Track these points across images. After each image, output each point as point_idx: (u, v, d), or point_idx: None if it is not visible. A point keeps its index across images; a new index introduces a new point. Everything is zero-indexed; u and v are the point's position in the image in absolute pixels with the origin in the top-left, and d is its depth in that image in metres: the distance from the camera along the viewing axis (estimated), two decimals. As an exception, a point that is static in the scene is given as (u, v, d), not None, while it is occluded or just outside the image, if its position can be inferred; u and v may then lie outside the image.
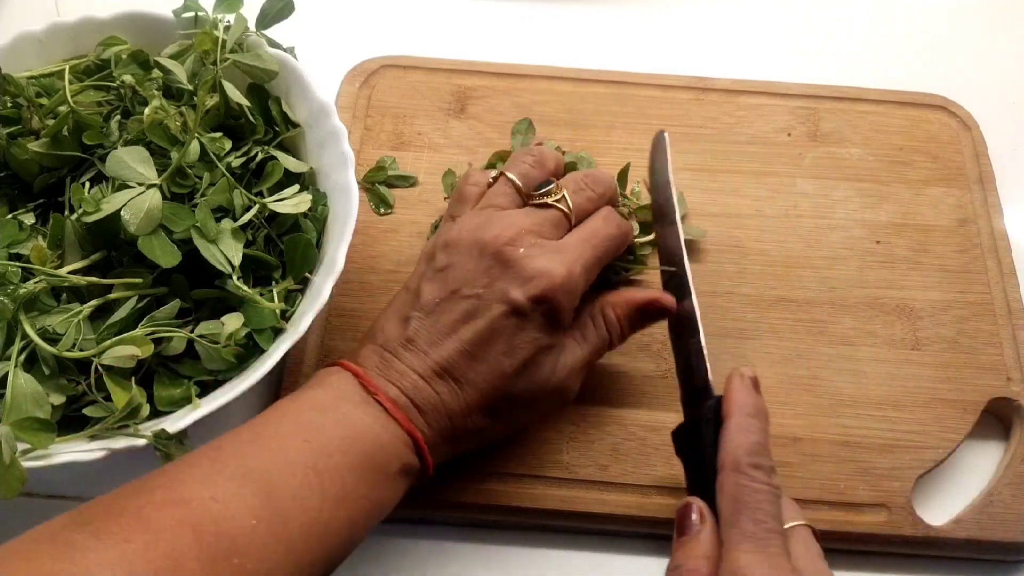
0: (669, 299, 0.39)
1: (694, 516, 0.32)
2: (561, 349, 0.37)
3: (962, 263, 0.47)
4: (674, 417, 0.43)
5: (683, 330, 0.38)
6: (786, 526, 0.31)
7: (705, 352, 0.37)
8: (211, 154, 0.37)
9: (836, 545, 0.41)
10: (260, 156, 0.40)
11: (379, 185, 0.49)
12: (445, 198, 0.48)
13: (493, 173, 0.40)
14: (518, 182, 0.39)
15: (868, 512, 0.41)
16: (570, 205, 0.39)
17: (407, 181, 0.50)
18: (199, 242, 0.35)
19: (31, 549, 0.26)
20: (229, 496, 0.29)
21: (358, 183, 0.48)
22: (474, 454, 0.41)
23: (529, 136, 0.47)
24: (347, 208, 0.38)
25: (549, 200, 0.39)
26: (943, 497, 0.42)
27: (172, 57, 0.41)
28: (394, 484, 0.34)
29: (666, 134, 0.43)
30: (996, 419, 0.44)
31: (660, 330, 0.45)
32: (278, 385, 0.44)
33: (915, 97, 0.53)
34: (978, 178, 0.50)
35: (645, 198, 0.46)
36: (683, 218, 0.46)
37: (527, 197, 0.39)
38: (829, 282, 0.46)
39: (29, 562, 0.25)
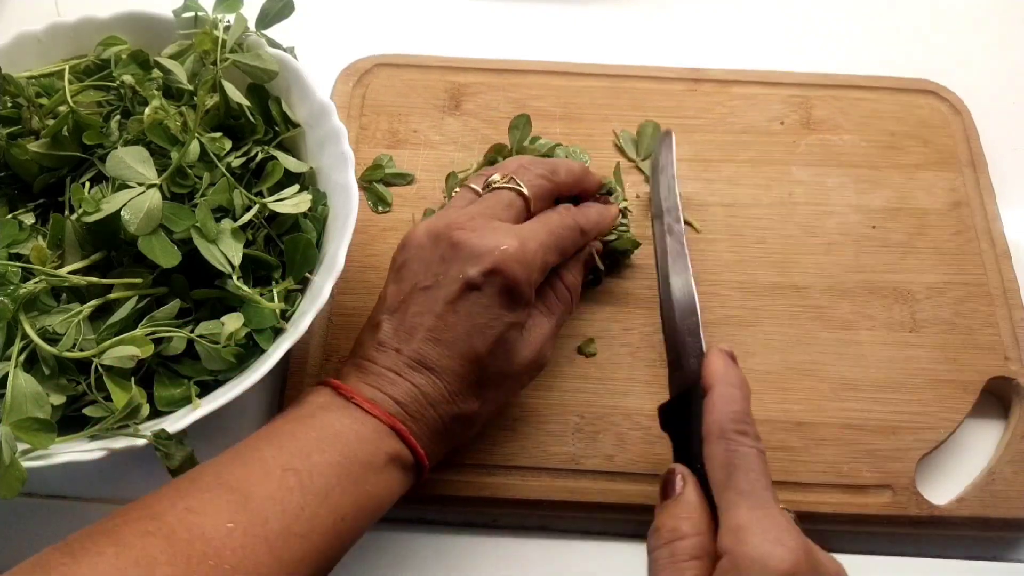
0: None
1: (678, 480, 0.32)
2: (532, 325, 0.38)
3: (957, 245, 0.48)
4: (678, 405, 0.43)
5: (680, 312, 0.39)
6: None
7: (702, 332, 0.38)
8: (211, 154, 0.37)
9: (842, 527, 0.41)
10: (260, 156, 0.40)
11: (377, 183, 0.49)
12: (446, 199, 0.48)
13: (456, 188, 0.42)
14: (475, 186, 0.40)
15: (872, 493, 0.41)
16: (521, 183, 0.39)
17: (404, 179, 0.50)
18: (199, 242, 0.35)
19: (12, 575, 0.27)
20: (203, 504, 0.29)
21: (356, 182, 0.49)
22: (480, 449, 0.41)
23: (527, 131, 0.47)
24: (347, 208, 0.38)
25: (499, 184, 0.39)
26: (945, 477, 0.42)
27: (172, 57, 0.41)
28: (385, 476, 0.33)
29: (673, 135, 0.44)
30: (995, 398, 0.45)
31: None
32: (281, 385, 0.44)
33: (905, 83, 0.53)
34: (969, 161, 0.50)
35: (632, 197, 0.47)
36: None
37: (481, 194, 0.40)
38: (827, 268, 0.47)
39: None
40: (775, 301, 0.46)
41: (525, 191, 0.39)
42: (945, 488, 0.42)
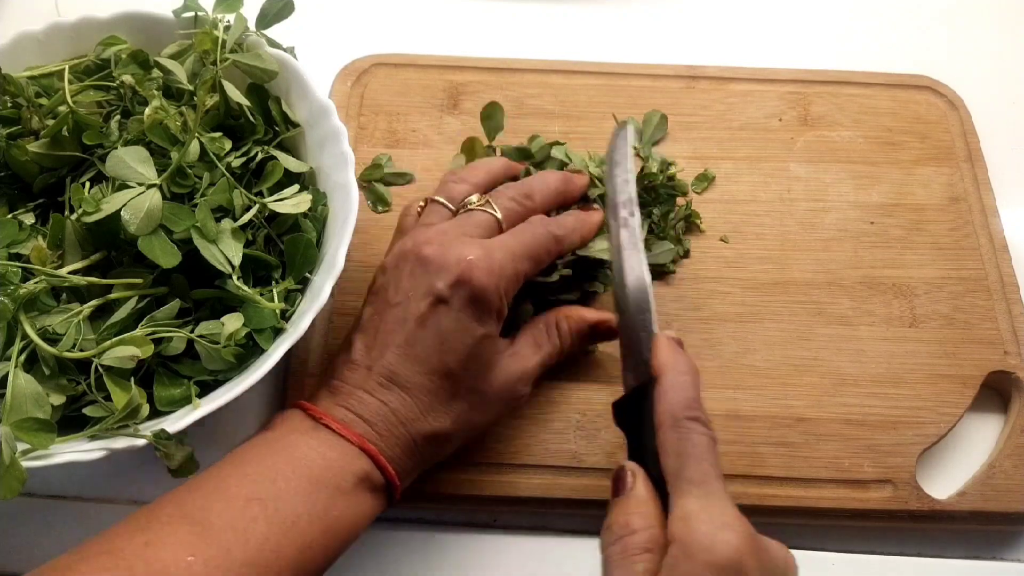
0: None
1: (628, 476, 0.32)
2: (508, 348, 0.38)
3: (955, 240, 0.48)
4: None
5: (633, 306, 0.38)
6: None
7: (655, 329, 0.37)
8: (211, 154, 0.37)
9: (843, 522, 0.41)
10: (260, 156, 0.40)
11: (376, 183, 0.49)
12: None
13: (421, 202, 0.42)
14: (443, 200, 0.41)
15: (873, 488, 0.41)
16: (496, 208, 0.39)
17: (404, 178, 0.49)
18: (199, 242, 0.35)
19: None
20: (162, 538, 0.29)
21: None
22: (480, 447, 0.41)
23: (500, 119, 0.46)
24: (347, 208, 0.38)
25: (473, 206, 0.40)
26: (946, 471, 0.42)
27: (172, 57, 0.40)
28: (354, 499, 0.33)
29: (630, 126, 0.44)
30: (995, 392, 0.45)
31: (662, 317, 0.45)
32: (282, 386, 0.44)
33: (901, 79, 0.53)
34: (967, 156, 0.51)
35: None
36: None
37: (456, 213, 0.40)
38: (826, 264, 0.47)
39: None
40: (774, 297, 0.46)
41: (498, 215, 0.39)
42: (946, 482, 0.42)
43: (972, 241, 0.48)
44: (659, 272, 0.46)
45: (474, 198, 0.40)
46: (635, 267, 0.38)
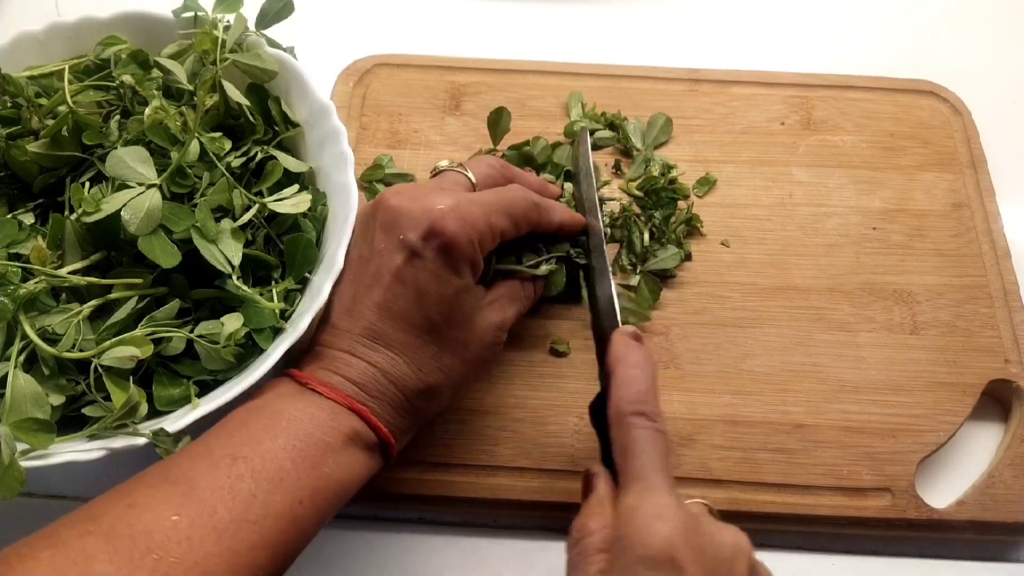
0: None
1: (593, 479, 0.32)
2: (486, 296, 0.37)
3: (957, 247, 0.48)
4: (675, 406, 0.43)
5: (603, 315, 0.38)
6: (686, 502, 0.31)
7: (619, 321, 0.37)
8: (211, 154, 0.37)
9: (841, 530, 0.41)
10: (260, 156, 0.40)
11: (376, 184, 0.49)
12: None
13: None
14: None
15: (872, 496, 0.41)
16: (469, 171, 0.39)
17: (404, 179, 0.50)
18: (199, 242, 0.35)
19: None
20: (146, 500, 0.29)
21: (356, 182, 0.49)
22: (480, 450, 0.41)
23: (506, 123, 0.47)
24: (347, 207, 0.38)
25: (445, 168, 0.40)
26: (945, 480, 0.42)
27: (172, 57, 0.40)
28: (346, 456, 0.33)
29: (587, 132, 0.47)
30: (995, 401, 0.45)
31: (661, 321, 0.45)
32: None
33: (905, 83, 0.53)
34: (970, 162, 0.50)
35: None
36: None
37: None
38: (826, 269, 0.47)
39: None
40: (775, 302, 0.46)
41: (471, 175, 0.39)
42: (945, 491, 0.42)
43: (974, 248, 0.47)
44: (663, 276, 0.46)
45: (445, 162, 0.40)
46: (602, 272, 0.39)
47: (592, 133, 0.50)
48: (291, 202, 0.39)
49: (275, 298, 0.37)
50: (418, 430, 0.37)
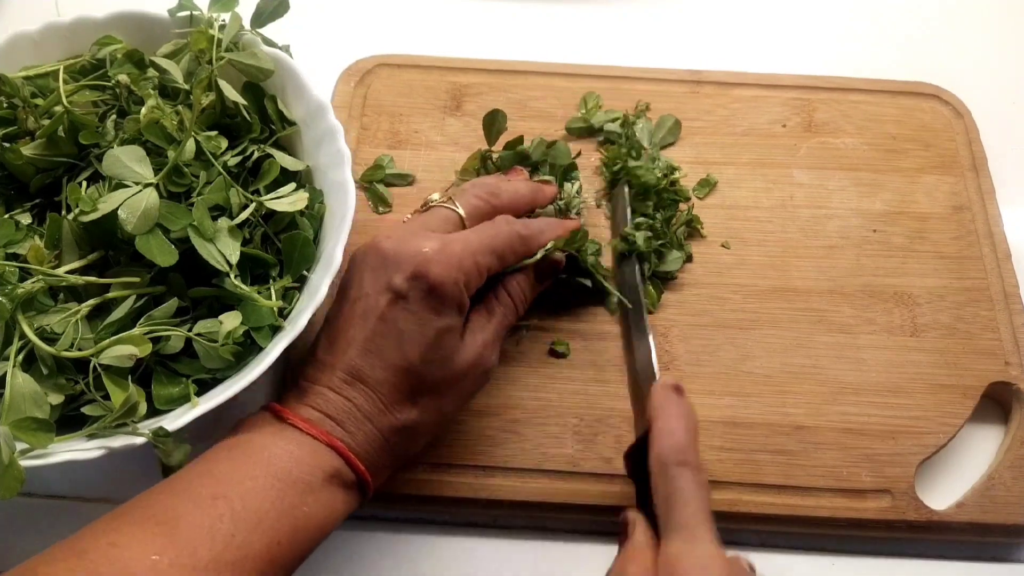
0: (558, 257, 0.42)
1: (629, 524, 0.32)
2: (470, 330, 0.37)
3: (958, 249, 0.47)
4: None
5: (640, 372, 0.39)
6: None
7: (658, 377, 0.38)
8: (207, 153, 0.37)
9: (840, 531, 0.41)
10: (256, 154, 0.40)
11: (377, 184, 0.49)
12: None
13: None
14: (420, 208, 0.41)
15: (872, 498, 0.41)
16: (458, 205, 0.40)
17: (405, 179, 0.49)
18: (196, 241, 0.35)
19: None
20: (128, 538, 0.29)
21: (356, 182, 0.49)
22: (479, 451, 0.41)
23: (502, 124, 0.47)
24: (344, 205, 0.38)
25: (436, 203, 0.40)
26: (945, 482, 0.42)
27: (167, 56, 0.40)
28: (325, 495, 0.33)
29: (625, 188, 0.47)
30: (995, 403, 0.44)
31: (661, 322, 0.45)
32: (281, 383, 0.44)
33: (907, 86, 0.53)
34: (971, 165, 0.50)
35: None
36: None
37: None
38: (827, 271, 0.47)
39: None
40: (775, 304, 0.46)
41: (460, 210, 0.39)
42: (944, 493, 0.42)
43: (975, 251, 0.47)
44: (665, 278, 0.46)
45: (436, 196, 0.41)
46: (641, 339, 0.40)
47: (601, 128, 0.50)
48: (288, 200, 0.39)
49: (273, 296, 0.37)
50: (399, 467, 0.37)
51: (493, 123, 0.46)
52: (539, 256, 0.41)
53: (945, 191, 0.49)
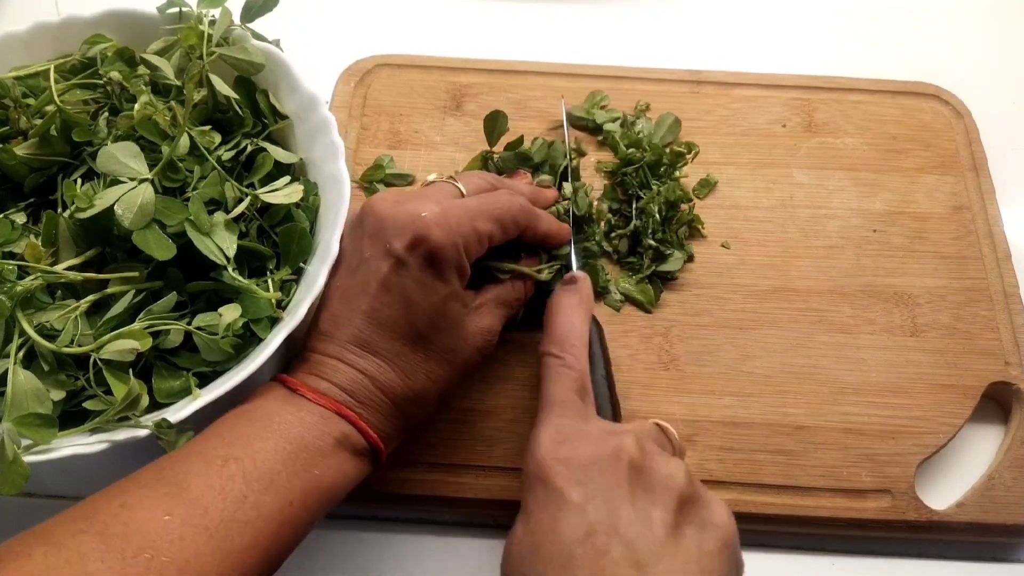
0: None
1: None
2: (474, 301, 0.38)
3: (958, 249, 0.47)
4: (675, 407, 0.43)
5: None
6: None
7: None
8: (201, 147, 0.37)
9: (840, 531, 0.41)
10: (250, 148, 0.40)
11: (377, 184, 0.49)
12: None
13: None
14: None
15: (871, 498, 0.41)
16: (459, 181, 0.39)
17: (404, 179, 0.49)
18: (193, 235, 0.35)
19: None
20: (139, 500, 0.29)
21: (356, 183, 0.49)
22: (480, 451, 0.41)
23: (503, 125, 0.47)
24: (339, 197, 0.38)
25: (436, 179, 0.40)
26: (945, 482, 0.42)
27: (158, 53, 0.40)
28: (335, 459, 0.33)
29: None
30: (995, 403, 0.44)
31: (661, 322, 0.45)
32: (281, 373, 0.43)
33: (907, 86, 0.53)
34: (971, 165, 0.50)
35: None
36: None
37: None
38: (827, 271, 0.47)
39: None
40: (775, 304, 0.46)
41: (461, 187, 0.39)
42: (944, 493, 0.41)
43: (975, 251, 0.47)
44: (666, 278, 0.46)
45: (434, 175, 0.41)
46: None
47: (601, 125, 0.50)
48: (283, 193, 0.39)
49: (271, 288, 0.37)
50: (408, 435, 0.37)
51: (495, 124, 0.46)
52: (545, 275, 0.41)
53: (945, 191, 0.49)
